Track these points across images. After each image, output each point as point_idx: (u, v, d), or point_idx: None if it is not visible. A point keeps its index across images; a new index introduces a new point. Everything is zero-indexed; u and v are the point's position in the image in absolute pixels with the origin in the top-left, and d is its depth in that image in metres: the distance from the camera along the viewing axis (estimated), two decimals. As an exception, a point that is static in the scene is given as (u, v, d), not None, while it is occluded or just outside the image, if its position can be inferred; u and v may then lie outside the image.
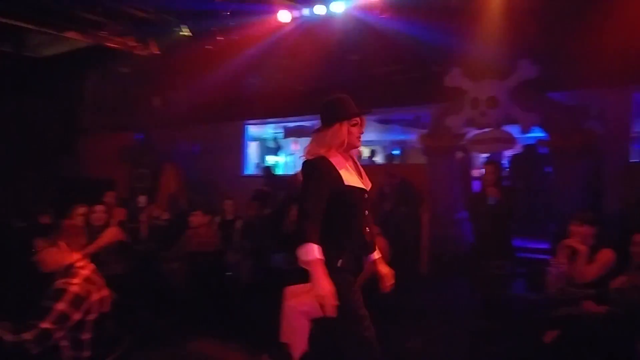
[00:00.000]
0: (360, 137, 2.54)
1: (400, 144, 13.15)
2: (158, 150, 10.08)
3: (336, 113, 2.48)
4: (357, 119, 2.51)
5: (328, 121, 2.49)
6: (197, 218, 5.27)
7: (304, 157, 2.50)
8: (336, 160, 2.47)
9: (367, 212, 2.57)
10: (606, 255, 3.67)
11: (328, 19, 6.81)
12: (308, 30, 7.13)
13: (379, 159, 12.25)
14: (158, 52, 8.25)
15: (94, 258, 3.38)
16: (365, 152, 12.65)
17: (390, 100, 8.25)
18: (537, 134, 7.55)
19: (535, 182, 7.94)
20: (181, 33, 7.69)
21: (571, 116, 6.65)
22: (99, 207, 5.25)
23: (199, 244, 5.18)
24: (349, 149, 2.55)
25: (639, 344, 2.96)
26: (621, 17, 5.62)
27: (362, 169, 2.62)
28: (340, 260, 2.42)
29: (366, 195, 2.56)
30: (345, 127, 2.47)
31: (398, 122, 11.01)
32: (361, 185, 2.52)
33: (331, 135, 2.46)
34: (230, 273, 5.21)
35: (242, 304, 5.00)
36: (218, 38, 7.47)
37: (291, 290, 4.04)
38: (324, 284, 2.23)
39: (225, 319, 4.76)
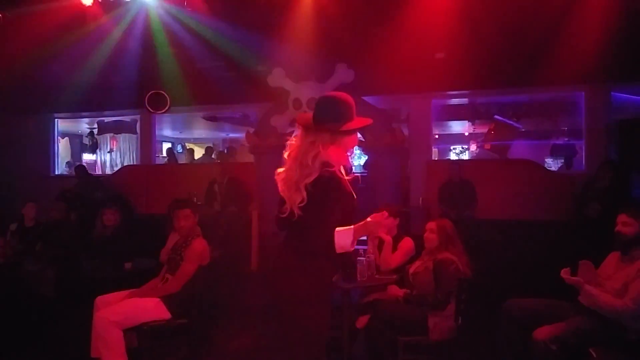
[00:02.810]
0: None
1: (231, 142, 13.09)
2: None
3: (351, 116, 2.33)
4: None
5: (344, 124, 2.30)
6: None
7: (321, 164, 2.24)
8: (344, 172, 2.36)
9: None
10: (407, 244, 4.12)
11: (140, 7, 6.39)
12: (119, 17, 6.59)
13: (210, 156, 11.98)
14: None
15: None
16: (195, 150, 12.34)
17: (216, 97, 8.12)
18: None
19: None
20: None
21: (383, 119, 7.32)
22: None
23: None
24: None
25: (430, 319, 3.35)
26: (418, 29, 6.32)
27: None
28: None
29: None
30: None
31: (225, 119, 10.89)
32: (354, 199, 2.37)
33: (348, 142, 2.36)
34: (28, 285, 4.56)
35: (44, 320, 4.45)
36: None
37: (102, 299, 3.71)
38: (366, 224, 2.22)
39: (23, 340, 4.18)
